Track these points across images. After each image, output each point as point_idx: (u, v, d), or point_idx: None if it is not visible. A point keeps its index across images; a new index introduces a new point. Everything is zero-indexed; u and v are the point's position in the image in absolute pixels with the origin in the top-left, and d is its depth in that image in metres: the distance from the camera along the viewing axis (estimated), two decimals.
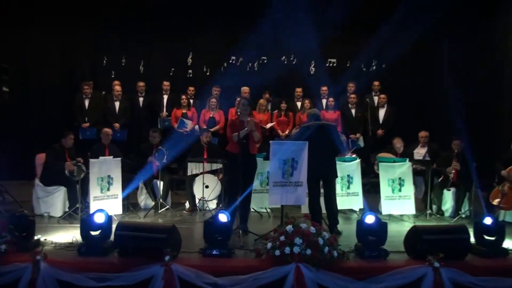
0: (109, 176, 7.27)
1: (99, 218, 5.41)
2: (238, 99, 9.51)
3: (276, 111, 9.90)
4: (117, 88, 9.81)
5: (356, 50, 10.85)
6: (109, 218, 5.48)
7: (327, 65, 11.07)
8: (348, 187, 7.75)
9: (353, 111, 9.98)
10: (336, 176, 6.70)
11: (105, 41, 10.92)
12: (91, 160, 7.18)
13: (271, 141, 6.45)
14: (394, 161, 7.80)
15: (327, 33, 10.84)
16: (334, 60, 11.13)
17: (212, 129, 9.46)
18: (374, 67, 11.15)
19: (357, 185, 7.81)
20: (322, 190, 6.73)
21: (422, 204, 8.06)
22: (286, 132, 9.63)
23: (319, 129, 6.52)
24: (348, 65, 11.05)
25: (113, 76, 10.68)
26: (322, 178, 6.58)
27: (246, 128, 6.29)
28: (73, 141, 7.69)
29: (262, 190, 7.67)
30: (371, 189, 8.98)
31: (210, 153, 8.25)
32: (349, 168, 7.76)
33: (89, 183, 7.14)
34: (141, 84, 10.08)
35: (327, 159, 6.51)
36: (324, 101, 10.06)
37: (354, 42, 10.94)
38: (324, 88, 10.10)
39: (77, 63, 10.88)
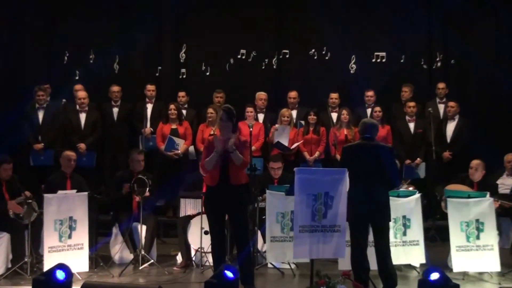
0: (71, 218, 7.31)
1: (60, 277, 5.46)
2: (249, 109, 9.58)
3: (303, 126, 9.86)
4: (81, 94, 9.85)
5: (412, 39, 10.87)
6: (70, 276, 5.51)
7: (374, 60, 11.13)
8: (404, 233, 7.70)
9: (411, 125, 9.92)
10: (389, 220, 6.66)
11: (66, 29, 11.04)
12: (45, 195, 7.23)
13: (296, 168, 6.48)
14: (469, 196, 7.75)
15: (372, 17, 10.95)
16: (383, 53, 11.17)
17: None
18: (439, 64, 11.16)
19: (416, 231, 7.76)
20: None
21: (510, 257, 8.01)
22: (316, 155, 9.63)
23: (367, 151, 6.44)
24: (402, 60, 11.09)
25: (77, 78, 10.83)
26: (370, 222, 6.54)
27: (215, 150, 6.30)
28: (10, 172, 7.68)
29: (285, 237, 7.64)
30: (436, 236, 8.94)
31: None
32: (405, 207, 7.71)
33: (43, 228, 7.20)
34: (116, 88, 10.18)
35: (377, 195, 6.43)
36: (368, 111, 10.08)
37: (410, 28, 10.86)
38: (370, 93, 10.13)
39: (26, 60, 11.00)
